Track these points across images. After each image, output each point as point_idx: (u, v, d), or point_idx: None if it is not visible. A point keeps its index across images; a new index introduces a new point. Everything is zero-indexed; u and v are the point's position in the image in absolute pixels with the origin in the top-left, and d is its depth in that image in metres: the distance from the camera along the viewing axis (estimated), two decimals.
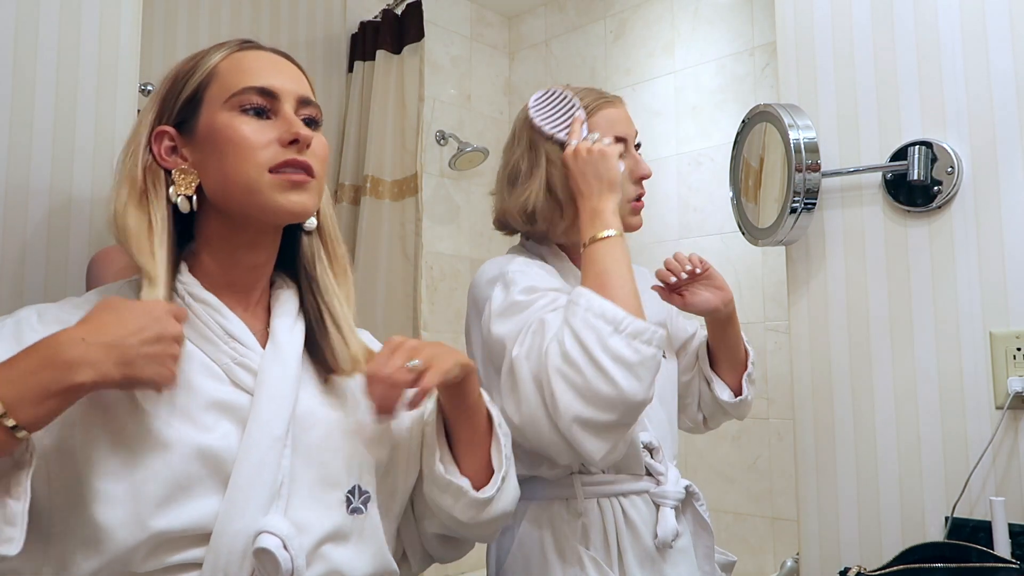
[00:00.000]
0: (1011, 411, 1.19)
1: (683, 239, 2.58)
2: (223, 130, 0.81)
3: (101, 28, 1.09)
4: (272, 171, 0.81)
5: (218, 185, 0.82)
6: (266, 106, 0.83)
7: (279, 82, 0.84)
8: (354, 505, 0.83)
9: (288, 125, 0.82)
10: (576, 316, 1.03)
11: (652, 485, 1.19)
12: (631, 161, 1.24)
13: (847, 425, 1.33)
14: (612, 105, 1.25)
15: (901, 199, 1.30)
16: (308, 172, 0.83)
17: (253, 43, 0.88)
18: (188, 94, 0.83)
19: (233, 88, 0.82)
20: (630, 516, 1.16)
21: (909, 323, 1.29)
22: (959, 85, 1.26)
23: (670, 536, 1.15)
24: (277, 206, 0.81)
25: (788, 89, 1.42)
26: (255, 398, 0.80)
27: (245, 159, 0.80)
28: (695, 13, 2.65)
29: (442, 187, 2.90)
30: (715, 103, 2.58)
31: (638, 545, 1.15)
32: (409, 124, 2.38)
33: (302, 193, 0.83)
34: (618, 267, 1.09)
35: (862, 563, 1.24)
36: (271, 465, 0.77)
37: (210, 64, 0.84)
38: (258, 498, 0.76)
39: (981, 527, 1.16)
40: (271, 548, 0.74)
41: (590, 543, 1.15)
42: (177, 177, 0.82)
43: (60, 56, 1.05)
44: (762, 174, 1.43)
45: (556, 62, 3.05)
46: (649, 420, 1.21)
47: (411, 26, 2.42)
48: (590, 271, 1.09)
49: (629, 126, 1.26)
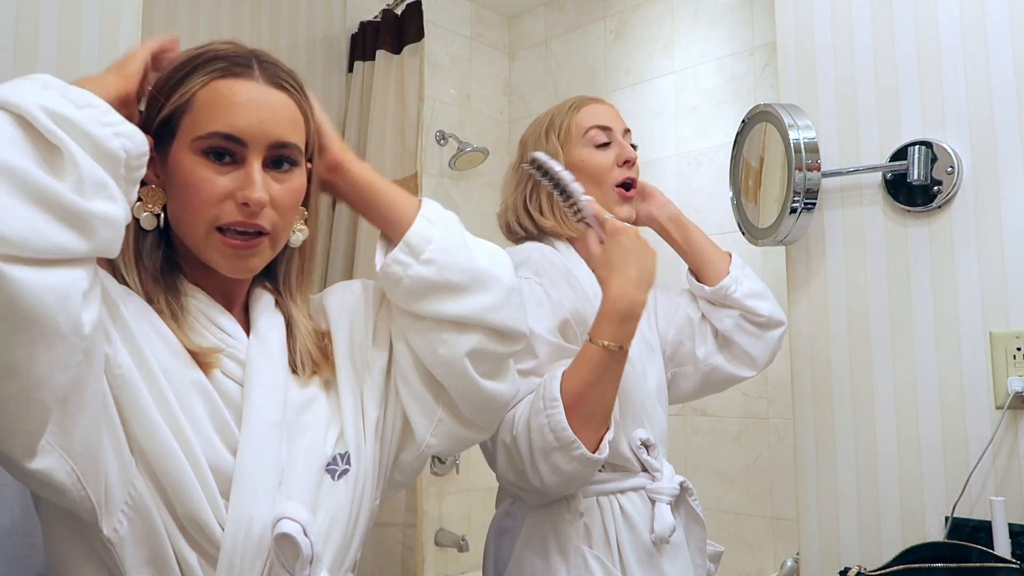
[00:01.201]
0: (1011, 411, 1.19)
1: None
2: (184, 175, 0.79)
3: (101, 28, 1.09)
4: (220, 229, 0.79)
5: (176, 220, 0.82)
6: (231, 151, 0.79)
7: (251, 125, 0.79)
8: (340, 470, 0.84)
9: (244, 184, 0.79)
10: (537, 419, 1.05)
11: (648, 481, 1.20)
12: (616, 147, 1.28)
13: (847, 425, 1.33)
14: (594, 101, 1.32)
15: (901, 199, 1.30)
16: (261, 231, 0.81)
17: (243, 66, 0.82)
18: (164, 116, 0.81)
19: (202, 129, 0.79)
20: (628, 512, 1.17)
21: (909, 323, 1.29)
22: (959, 85, 1.26)
23: (667, 532, 1.16)
24: (221, 267, 0.82)
25: (788, 89, 1.42)
26: (247, 387, 0.81)
27: (196, 211, 0.79)
28: (695, 13, 2.65)
29: (442, 187, 2.89)
30: (715, 103, 2.58)
31: (636, 541, 1.17)
32: (409, 124, 2.38)
33: (246, 259, 0.81)
34: (606, 388, 1.07)
35: (862, 563, 1.24)
36: (272, 450, 0.78)
37: (189, 89, 0.80)
38: (265, 484, 0.77)
39: (981, 527, 1.16)
40: (292, 533, 0.75)
41: (593, 542, 1.16)
42: (145, 194, 0.81)
43: (60, 56, 1.05)
44: (762, 174, 1.43)
45: (556, 62, 3.05)
46: (647, 417, 1.21)
47: (411, 26, 2.42)
48: (581, 370, 1.06)
49: (614, 119, 1.30)
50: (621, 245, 1.08)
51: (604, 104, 1.32)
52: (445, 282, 0.86)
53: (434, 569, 2.54)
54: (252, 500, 0.75)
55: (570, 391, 1.04)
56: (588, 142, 1.27)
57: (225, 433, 0.78)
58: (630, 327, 1.07)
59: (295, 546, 0.75)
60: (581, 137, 1.28)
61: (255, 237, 0.81)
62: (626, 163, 1.28)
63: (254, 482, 0.76)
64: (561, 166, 1.12)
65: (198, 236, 0.80)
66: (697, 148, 2.61)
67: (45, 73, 0.71)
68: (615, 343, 1.05)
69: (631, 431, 1.19)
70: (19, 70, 1.01)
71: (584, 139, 1.27)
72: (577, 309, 1.18)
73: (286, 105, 0.83)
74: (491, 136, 3.03)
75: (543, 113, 1.35)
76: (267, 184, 0.80)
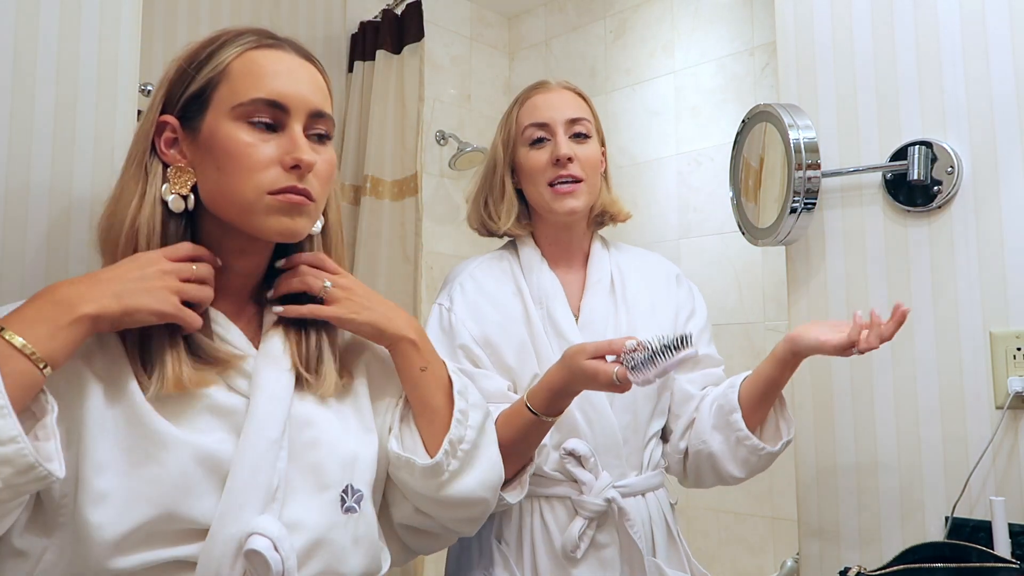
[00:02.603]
0: (1011, 411, 1.19)
1: (683, 239, 2.58)
2: (225, 142, 0.78)
3: (101, 28, 1.09)
4: (271, 194, 0.79)
5: (213, 194, 0.81)
6: (274, 119, 0.80)
7: (292, 92, 0.80)
8: (348, 504, 0.83)
9: (292, 147, 0.79)
10: None
11: (575, 493, 1.17)
12: (551, 145, 1.25)
13: (847, 425, 1.33)
14: (540, 91, 1.30)
15: (901, 199, 1.30)
16: (308, 197, 0.81)
17: (273, 39, 0.84)
18: (195, 90, 0.80)
19: (242, 97, 0.79)
20: (546, 519, 1.17)
21: (909, 323, 1.29)
22: (959, 85, 1.26)
23: (569, 546, 1.14)
24: (270, 228, 0.80)
25: (788, 89, 1.42)
26: (251, 401, 0.79)
27: (244, 178, 0.78)
28: (695, 13, 2.65)
29: (442, 187, 2.90)
30: (715, 103, 2.58)
31: (551, 548, 1.16)
32: (409, 124, 2.38)
33: (298, 217, 0.81)
34: (530, 444, 1.09)
35: (862, 563, 1.24)
36: (267, 468, 0.77)
37: (223, 60, 0.80)
38: (254, 500, 0.76)
39: (981, 527, 1.16)
40: (261, 549, 0.73)
41: (504, 538, 1.18)
42: (172, 175, 0.80)
43: (60, 56, 1.04)
44: (762, 174, 1.43)
45: (556, 62, 3.05)
46: (589, 426, 1.18)
47: (411, 26, 2.42)
48: (510, 428, 1.07)
49: (554, 111, 1.27)
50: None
51: (548, 93, 1.29)
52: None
53: (434, 569, 2.54)
54: (235, 517, 0.74)
55: (501, 441, 1.04)
56: (525, 141, 1.27)
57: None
58: (565, 403, 1.08)
59: (265, 562, 0.73)
60: (520, 136, 1.28)
61: (305, 199, 0.81)
62: (558, 162, 1.23)
63: (243, 498, 0.75)
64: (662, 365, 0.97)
65: (246, 202, 0.79)
66: (697, 148, 2.61)
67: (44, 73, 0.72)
68: (546, 415, 1.07)
69: (562, 439, 1.17)
70: (19, 70, 1.01)
71: (523, 138, 1.28)
72: (486, 334, 1.21)
73: (319, 78, 0.85)
74: (491, 136, 3.00)
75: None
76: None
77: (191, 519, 0.74)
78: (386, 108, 2.41)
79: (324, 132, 0.84)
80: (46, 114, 1.03)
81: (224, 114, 0.79)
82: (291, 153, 0.79)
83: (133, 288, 0.72)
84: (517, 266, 1.29)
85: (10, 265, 1.00)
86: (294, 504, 0.79)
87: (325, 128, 0.84)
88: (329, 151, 0.85)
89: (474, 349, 1.20)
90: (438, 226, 2.86)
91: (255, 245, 0.86)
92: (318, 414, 0.85)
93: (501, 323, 1.22)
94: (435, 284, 2.81)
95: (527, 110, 1.29)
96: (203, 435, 0.76)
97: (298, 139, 0.80)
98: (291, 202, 0.80)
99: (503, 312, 1.23)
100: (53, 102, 1.04)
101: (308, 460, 0.81)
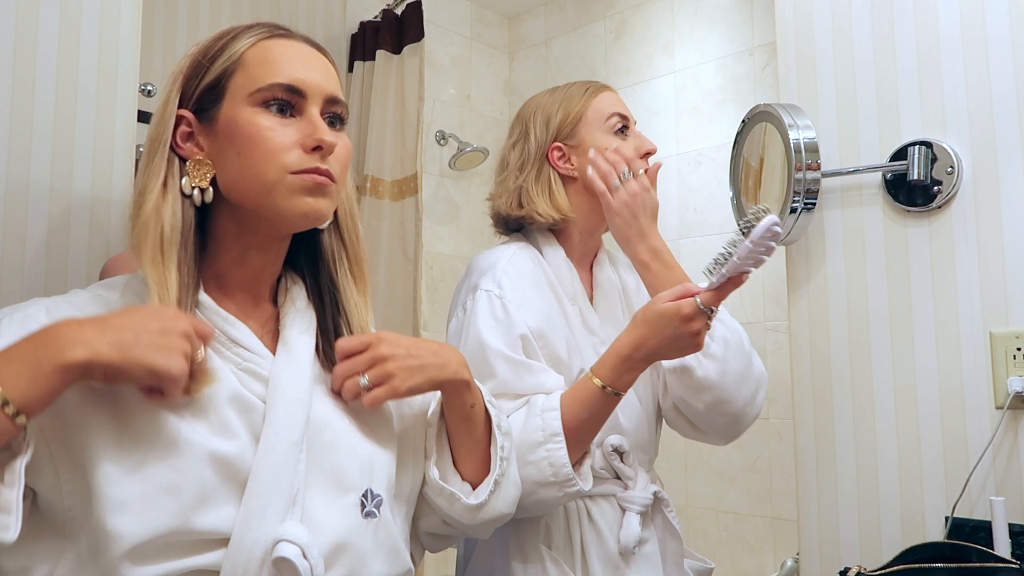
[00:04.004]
0: (1011, 411, 1.19)
1: (683, 239, 2.58)
2: (245, 127, 0.78)
3: (101, 28, 1.09)
4: (294, 174, 0.79)
5: (234, 181, 0.80)
6: (292, 104, 0.80)
7: (308, 77, 0.81)
8: (368, 509, 0.82)
9: (312, 129, 0.80)
10: (536, 453, 1.04)
11: (619, 489, 1.17)
12: (636, 139, 1.26)
13: (847, 425, 1.33)
14: (611, 90, 1.30)
15: (901, 199, 1.30)
16: (330, 178, 0.81)
17: (284, 30, 0.85)
18: (210, 81, 0.81)
19: (259, 82, 0.79)
20: (595, 519, 1.16)
21: (909, 323, 1.29)
22: (959, 85, 1.26)
23: (632, 542, 1.14)
24: (294, 210, 0.79)
25: (788, 89, 1.42)
26: (269, 404, 0.78)
27: (267, 160, 0.78)
28: (695, 13, 2.65)
29: (442, 187, 2.90)
30: (715, 103, 2.58)
31: (602, 548, 1.15)
32: (409, 124, 2.38)
33: (321, 198, 0.80)
34: (595, 424, 1.08)
35: (862, 563, 1.24)
36: (288, 471, 0.76)
37: (237, 50, 0.81)
38: (276, 505, 0.74)
39: (981, 527, 1.16)
40: (290, 557, 0.72)
41: (552, 543, 1.15)
42: (191, 168, 0.80)
43: (60, 56, 1.05)
44: (762, 174, 1.43)
45: (556, 62, 3.05)
46: (625, 422, 1.19)
47: (411, 26, 2.42)
48: (576, 406, 1.06)
49: (627, 108, 1.29)
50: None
51: (616, 93, 1.30)
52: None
53: (434, 569, 2.54)
54: (258, 522, 0.73)
55: (564, 426, 1.05)
56: (609, 129, 1.24)
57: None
58: (633, 377, 1.07)
59: (294, 569, 0.72)
60: (603, 123, 1.24)
61: (328, 179, 0.81)
62: (647, 154, 1.25)
63: (264, 504, 0.74)
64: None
65: (269, 183, 0.78)
66: (697, 148, 2.61)
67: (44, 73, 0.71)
68: (613, 389, 1.05)
69: (604, 437, 1.16)
70: (19, 70, 1.01)
71: (606, 125, 1.24)
72: (540, 326, 1.15)
73: (331, 67, 0.86)
74: (491, 136, 3.03)
75: (546, 92, 1.31)
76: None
77: (211, 529, 0.72)
78: (386, 108, 2.41)
79: (340, 114, 0.85)
80: (46, 114, 1.03)
81: (241, 101, 0.79)
82: (312, 135, 0.79)
83: (147, 342, 0.67)
84: (543, 261, 1.25)
85: (10, 265, 1.00)
86: (314, 509, 0.78)
87: (341, 111, 0.85)
88: (345, 136, 0.85)
89: (532, 340, 1.14)
90: (438, 226, 2.86)
91: (274, 241, 0.85)
92: (335, 416, 0.84)
93: (548, 315, 1.18)
94: (435, 284, 2.81)
95: (606, 100, 1.26)
96: (219, 438, 0.75)
97: (317, 122, 0.81)
98: (315, 182, 0.79)
99: (548, 304, 1.20)
100: (53, 102, 1.04)
101: (327, 463, 0.80)
